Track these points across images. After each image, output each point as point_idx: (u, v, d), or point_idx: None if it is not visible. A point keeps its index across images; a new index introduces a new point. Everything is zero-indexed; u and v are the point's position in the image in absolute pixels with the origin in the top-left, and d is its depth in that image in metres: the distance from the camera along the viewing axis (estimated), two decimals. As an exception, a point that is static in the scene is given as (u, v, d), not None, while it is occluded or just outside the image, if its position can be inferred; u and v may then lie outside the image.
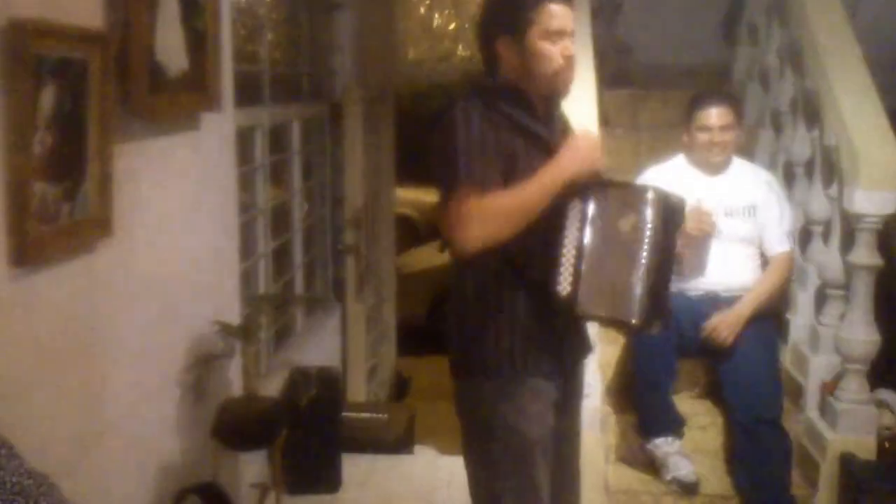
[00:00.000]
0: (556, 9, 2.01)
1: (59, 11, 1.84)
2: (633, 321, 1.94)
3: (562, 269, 1.95)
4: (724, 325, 3.04)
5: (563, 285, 1.95)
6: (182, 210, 2.56)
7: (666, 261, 1.98)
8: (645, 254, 1.92)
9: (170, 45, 2.31)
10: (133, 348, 2.28)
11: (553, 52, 2.01)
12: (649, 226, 1.93)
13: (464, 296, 2.09)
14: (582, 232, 1.95)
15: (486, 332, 2.04)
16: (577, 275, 1.94)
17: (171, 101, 2.36)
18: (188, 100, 2.49)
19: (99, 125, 1.98)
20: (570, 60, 2.03)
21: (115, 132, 2.06)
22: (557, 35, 2.00)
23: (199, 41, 2.51)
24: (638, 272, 1.92)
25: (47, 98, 1.78)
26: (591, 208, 1.96)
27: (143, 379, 2.35)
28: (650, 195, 1.96)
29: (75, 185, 1.91)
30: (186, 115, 2.54)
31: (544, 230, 1.96)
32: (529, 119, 2.04)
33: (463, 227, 1.90)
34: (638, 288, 1.91)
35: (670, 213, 1.98)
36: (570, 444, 2.25)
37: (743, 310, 3.07)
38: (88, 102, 1.94)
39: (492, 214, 1.90)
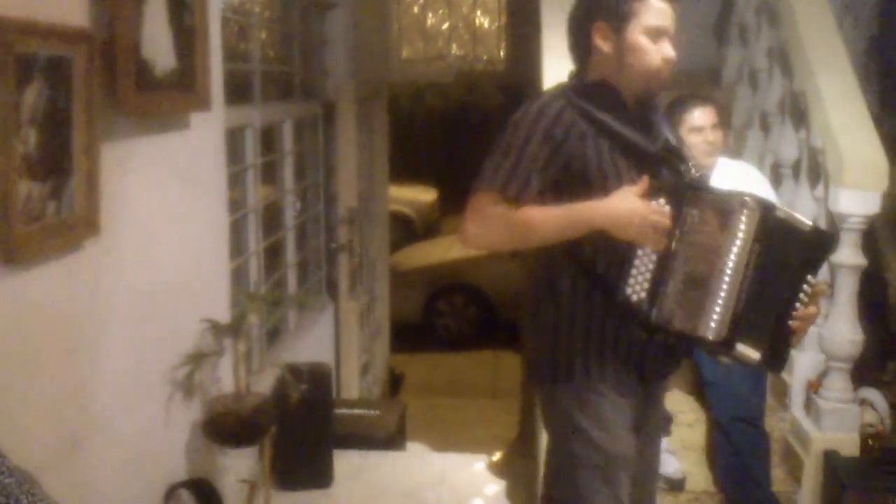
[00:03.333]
0: (660, 6, 1.91)
1: (44, 10, 1.86)
2: (710, 337, 1.79)
3: (634, 272, 1.83)
4: None
5: (635, 289, 1.84)
6: (171, 209, 2.58)
7: (777, 286, 1.82)
8: (731, 266, 1.77)
9: (157, 44, 2.32)
10: (122, 346, 2.30)
11: (652, 49, 1.90)
12: (741, 237, 1.77)
13: (538, 295, 1.98)
14: (669, 237, 1.82)
15: (558, 338, 1.93)
16: (654, 282, 1.82)
17: (159, 99, 2.37)
18: (176, 98, 2.50)
19: (85, 123, 1.99)
20: (668, 63, 1.92)
21: (102, 131, 2.08)
22: (658, 33, 1.90)
23: (187, 39, 2.52)
24: (722, 286, 1.77)
25: (31, 96, 1.80)
26: (683, 212, 1.82)
27: (133, 376, 2.37)
28: (748, 203, 1.80)
29: (61, 184, 1.93)
30: (175, 114, 2.56)
31: (622, 260, 1.85)
32: (620, 122, 1.90)
33: (472, 222, 1.89)
34: (719, 302, 1.76)
35: (775, 228, 1.81)
36: (646, 469, 2.10)
37: None
38: (74, 101, 1.96)
39: (500, 225, 1.86)
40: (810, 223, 1.91)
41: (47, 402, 1.98)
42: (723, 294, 1.79)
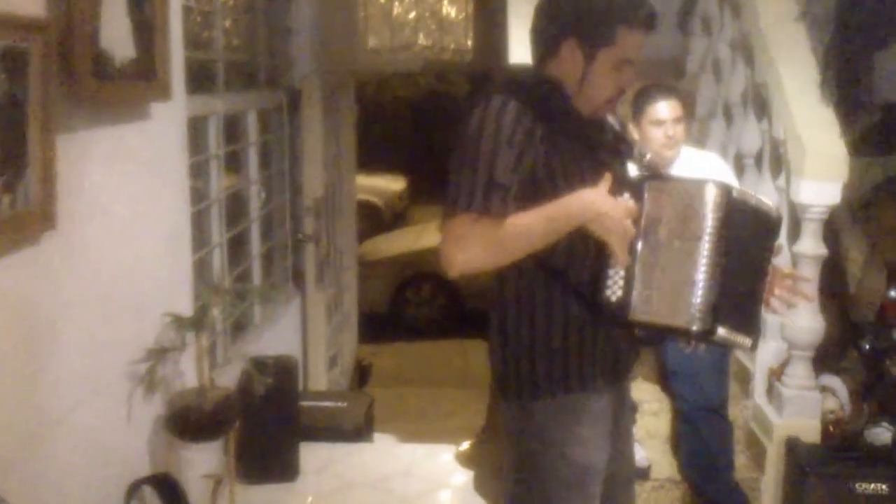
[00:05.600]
0: (640, 36, 1.83)
1: (-2, 0, 1.82)
2: (694, 328, 1.77)
3: (611, 273, 1.80)
4: None
5: (613, 290, 1.80)
6: (131, 200, 2.54)
7: (744, 267, 1.81)
8: (705, 255, 1.74)
9: (115, 33, 2.28)
10: (81, 341, 2.26)
11: (613, 80, 1.84)
12: (710, 224, 1.75)
13: (505, 308, 1.91)
14: (636, 231, 1.78)
15: (535, 350, 1.87)
16: (629, 278, 1.78)
17: (118, 89, 2.33)
18: (136, 88, 2.46)
19: (41, 115, 1.95)
20: (624, 91, 1.87)
21: (59, 122, 2.04)
22: (626, 63, 1.83)
23: (147, 28, 2.48)
24: (697, 275, 1.75)
25: (-16, 88, 1.76)
26: (647, 205, 1.79)
27: (93, 372, 2.34)
28: (711, 190, 1.77)
29: (16, 176, 1.89)
30: (134, 104, 2.52)
31: (596, 259, 1.81)
32: (574, 119, 1.86)
33: (454, 249, 1.77)
34: (697, 292, 1.75)
35: (738, 211, 1.79)
36: (623, 466, 2.07)
37: None
38: (30, 92, 1.92)
39: (488, 244, 1.76)
40: (762, 198, 1.91)
41: (3, 399, 1.95)
42: (700, 284, 1.76)
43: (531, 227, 1.77)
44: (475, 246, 1.76)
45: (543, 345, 1.86)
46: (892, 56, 2.11)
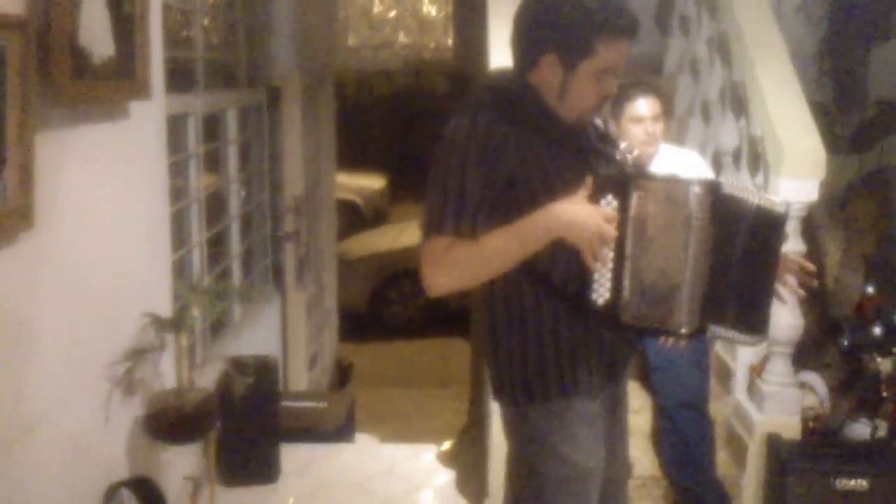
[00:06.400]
0: (619, 44, 1.80)
1: (-27, -3, 1.79)
2: (683, 330, 1.77)
3: (597, 276, 1.77)
4: None
5: (600, 293, 1.78)
6: (110, 200, 2.51)
7: (742, 264, 1.79)
8: (693, 253, 1.73)
9: (94, 31, 2.26)
10: (59, 342, 2.24)
11: (595, 90, 1.82)
12: (696, 223, 1.73)
13: (495, 315, 1.90)
14: (622, 232, 1.75)
15: (527, 354, 1.86)
16: (617, 280, 1.76)
17: (96, 87, 2.31)
18: (115, 87, 2.44)
19: (19, 113, 1.93)
20: (606, 98, 1.86)
21: (37, 120, 2.01)
22: (608, 72, 1.81)
23: (126, 26, 2.46)
24: (685, 273, 1.73)
25: (-40, 86, 1.73)
26: (633, 205, 1.75)
27: (70, 373, 2.31)
28: (696, 188, 1.75)
29: (-7, 176, 1.87)
30: (113, 103, 2.49)
31: (579, 263, 1.78)
32: (552, 122, 1.84)
33: (432, 272, 1.79)
34: (685, 293, 1.73)
35: (729, 208, 1.78)
36: (618, 465, 2.07)
37: None
38: (7, 90, 1.89)
39: (464, 265, 1.77)
40: (763, 195, 1.89)
41: (-19, 401, 1.92)
42: (688, 283, 1.75)
43: (503, 246, 1.77)
44: (450, 269, 1.78)
45: (535, 349, 1.86)
46: (886, 53, 2.13)
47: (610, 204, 1.76)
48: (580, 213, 1.75)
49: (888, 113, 4.27)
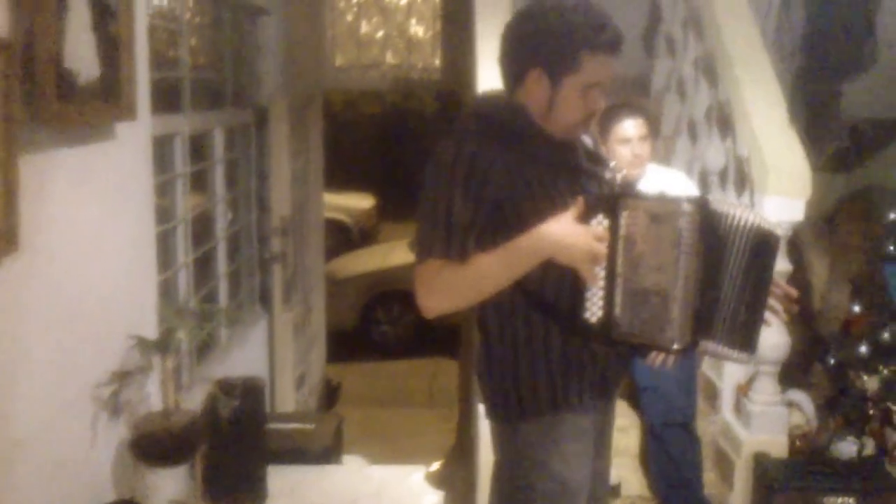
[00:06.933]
0: (605, 59, 1.82)
1: (-43, 19, 1.79)
2: (675, 346, 1.78)
3: (589, 294, 1.80)
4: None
5: (593, 311, 1.80)
6: (95, 222, 2.50)
7: (734, 281, 1.81)
8: (682, 271, 1.74)
9: (80, 52, 2.26)
10: (44, 365, 2.22)
11: (581, 105, 1.84)
12: (685, 240, 1.74)
13: (488, 331, 1.92)
14: (612, 250, 1.77)
15: (519, 370, 1.88)
16: (609, 298, 1.78)
17: (82, 109, 2.30)
18: (100, 108, 2.43)
19: (3, 135, 1.92)
20: (594, 113, 1.88)
21: (21, 142, 2.00)
22: (593, 86, 1.83)
23: (112, 47, 2.45)
24: (675, 291, 1.74)
25: (-57, 108, 1.72)
26: (622, 224, 1.77)
27: (56, 396, 2.29)
28: (686, 206, 1.76)
29: (-23, 198, 1.86)
30: (99, 124, 2.49)
31: (575, 280, 1.80)
32: (540, 142, 1.86)
33: (426, 295, 1.81)
34: (676, 310, 1.75)
35: (715, 222, 1.80)
36: (601, 484, 2.08)
37: None
38: (-9, 112, 1.89)
39: (455, 288, 1.80)
40: (758, 213, 1.91)
41: (-37, 425, 1.90)
42: (679, 300, 1.76)
43: (494, 268, 1.79)
44: (443, 292, 1.80)
45: (527, 365, 1.87)
46: (857, 82, 2.18)
47: (601, 223, 1.78)
48: (570, 234, 1.76)
49: (873, 133, 4.32)
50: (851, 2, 2.06)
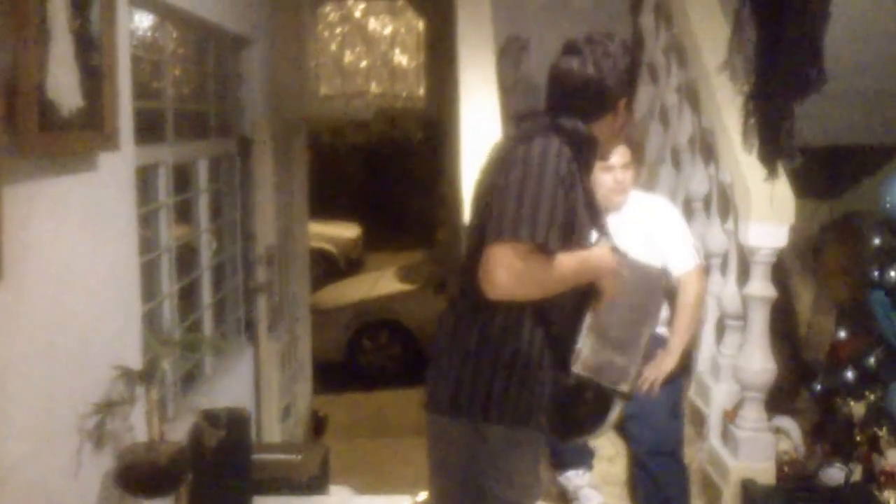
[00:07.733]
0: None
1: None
2: (626, 390, 2.08)
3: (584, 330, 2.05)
4: (657, 376, 3.00)
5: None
6: (78, 251, 2.48)
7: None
8: (647, 330, 2.07)
9: (62, 83, 2.25)
10: (27, 394, 2.19)
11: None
12: (660, 302, 2.12)
13: (484, 332, 1.99)
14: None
15: (495, 376, 1.97)
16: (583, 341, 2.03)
17: (64, 139, 2.29)
18: (83, 139, 2.42)
19: (-16, 167, 1.91)
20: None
21: (4, 172, 1.99)
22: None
23: (95, 77, 2.45)
24: (638, 349, 2.04)
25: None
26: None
27: (39, 426, 2.26)
28: (664, 273, 2.16)
29: (-42, 229, 1.84)
30: (82, 154, 2.48)
31: (576, 311, 2.03)
32: (589, 176, 2.09)
33: (501, 275, 1.80)
34: (637, 362, 2.06)
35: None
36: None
37: (670, 361, 3.03)
38: (-27, 143, 1.88)
39: (539, 277, 1.84)
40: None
41: (-59, 460, 1.87)
42: (638, 355, 2.01)
43: (573, 270, 1.90)
44: (523, 278, 1.81)
45: (504, 376, 1.95)
46: (809, 103, 2.26)
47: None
48: (613, 265, 2.01)
49: (855, 159, 4.36)
50: (798, 27, 2.13)
